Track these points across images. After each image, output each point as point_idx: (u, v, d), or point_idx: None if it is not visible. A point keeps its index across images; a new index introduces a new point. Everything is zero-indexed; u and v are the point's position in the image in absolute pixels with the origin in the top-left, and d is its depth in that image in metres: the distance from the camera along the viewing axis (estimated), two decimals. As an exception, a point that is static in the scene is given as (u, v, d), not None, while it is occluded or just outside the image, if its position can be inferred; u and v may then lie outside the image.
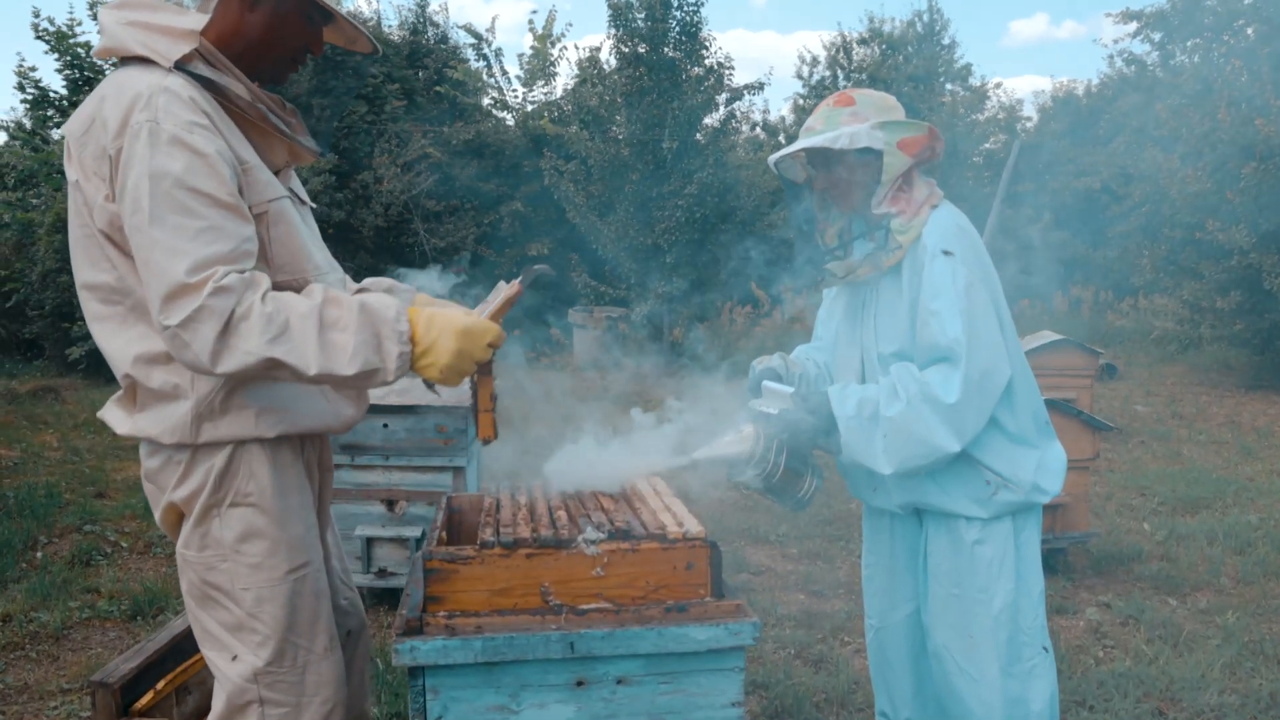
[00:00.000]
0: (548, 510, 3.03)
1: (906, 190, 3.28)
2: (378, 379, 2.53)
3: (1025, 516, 3.35)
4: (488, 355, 2.68)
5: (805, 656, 5.65)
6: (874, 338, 3.39)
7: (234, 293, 2.40)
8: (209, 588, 2.71)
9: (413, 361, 2.57)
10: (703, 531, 2.77)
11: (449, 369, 2.59)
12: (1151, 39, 22.50)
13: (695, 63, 20.18)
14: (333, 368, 2.45)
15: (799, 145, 3.31)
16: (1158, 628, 6.01)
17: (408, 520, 6.13)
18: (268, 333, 2.40)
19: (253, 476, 2.68)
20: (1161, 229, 17.79)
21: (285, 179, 2.91)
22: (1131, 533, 8.14)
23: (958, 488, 3.28)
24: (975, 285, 3.13)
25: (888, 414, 3.10)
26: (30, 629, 6.09)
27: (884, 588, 3.66)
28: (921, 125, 3.29)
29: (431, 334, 2.57)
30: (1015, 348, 3.28)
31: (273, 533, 2.70)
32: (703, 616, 2.66)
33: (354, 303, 2.52)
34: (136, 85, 2.51)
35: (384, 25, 26.45)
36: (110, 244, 2.57)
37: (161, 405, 2.64)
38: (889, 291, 3.34)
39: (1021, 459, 3.27)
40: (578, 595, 2.68)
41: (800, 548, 7.78)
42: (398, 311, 2.54)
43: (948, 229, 3.21)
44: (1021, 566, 3.33)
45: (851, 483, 3.64)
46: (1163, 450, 11.55)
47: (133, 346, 2.63)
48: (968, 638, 3.31)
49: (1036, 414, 3.36)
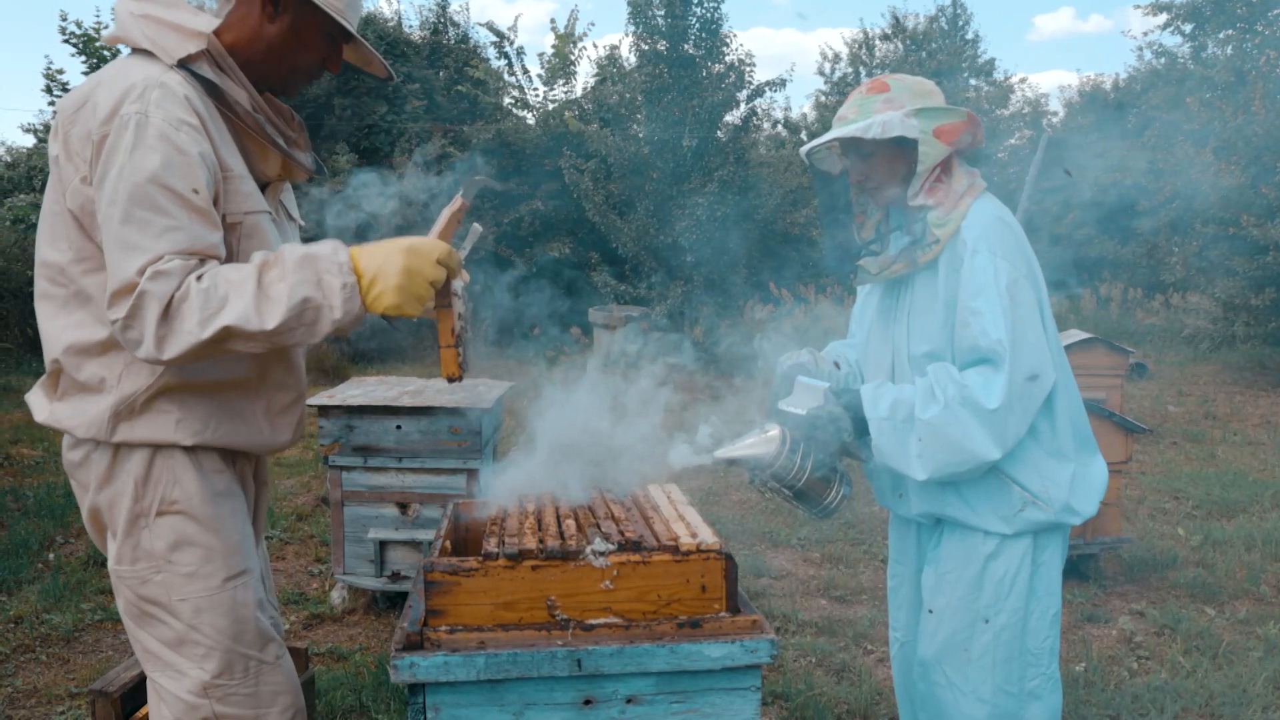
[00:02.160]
0: (556, 519, 2.89)
1: (945, 181, 3.12)
2: (328, 319, 2.42)
3: (1050, 535, 3.18)
4: (440, 274, 2.53)
5: (827, 665, 5.53)
6: (906, 337, 3.23)
7: (173, 277, 2.34)
8: (145, 603, 2.66)
9: (362, 295, 2.45)
10: (718, 543, 2.64)
11: (401, 290, 2.46)
12: (1182, 31, 22.33)
13: (716, 59, 20.11)
14: (269, 322, 2.36)
15: (830, 135, 3.16)
16: (1195, 638, 5.84)
17: (421, 523, 6.03)
18: (206, 308, 2.33)
19: (177, 483, 2.62)
20: (1193, 224, 17.61)
21: (275, 193, 2.87)
22: (1165, 538, 7.94)
23: (982, 501, 3.12)
24: (1019, 283, 2.97)
25: (924, 417, 2.94)
26: (41, 631, 6.02)
27: (910, 599, 3.51)
28: (960, 111, 3.13)
29: (376, 259, 2.46)
30: (1058, 351, 3.12)
31: (205, 540, 2.65)
32: (717, 633, 2.55)
33: (292, 253, 2.44)
34: (134, 75, 2.48)
35: (405, 25, 26.48)
36: (75, 226, 2.52)
37: (82, 397, 2.61)
38: (924, 288, 3.18)
39: (1055, 474, 3.09)
40: (586, 609, 2.57)
41: (822, 552, 7.64)
42: (334, 246, 2.46)
43: (988, 222, 3.05)
44: (1038, 585, 3.16)
45: (877, 489, 3.49)
46: (1196, 452, 11.33)
47: (67, 333, 2.59)
48: (963, 652, 3.17)
49: (1077, 425, 3.18)
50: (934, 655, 3.23)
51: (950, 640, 3.19)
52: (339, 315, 2.42)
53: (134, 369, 2.56)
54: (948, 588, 3.20)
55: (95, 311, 2.55)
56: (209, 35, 2.60)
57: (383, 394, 6.16)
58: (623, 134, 20.76)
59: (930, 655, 3.24)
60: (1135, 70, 31.07)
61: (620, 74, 22.35)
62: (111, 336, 2.53)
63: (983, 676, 3.13)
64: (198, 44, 2.57)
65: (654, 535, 2.74)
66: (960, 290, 3.01)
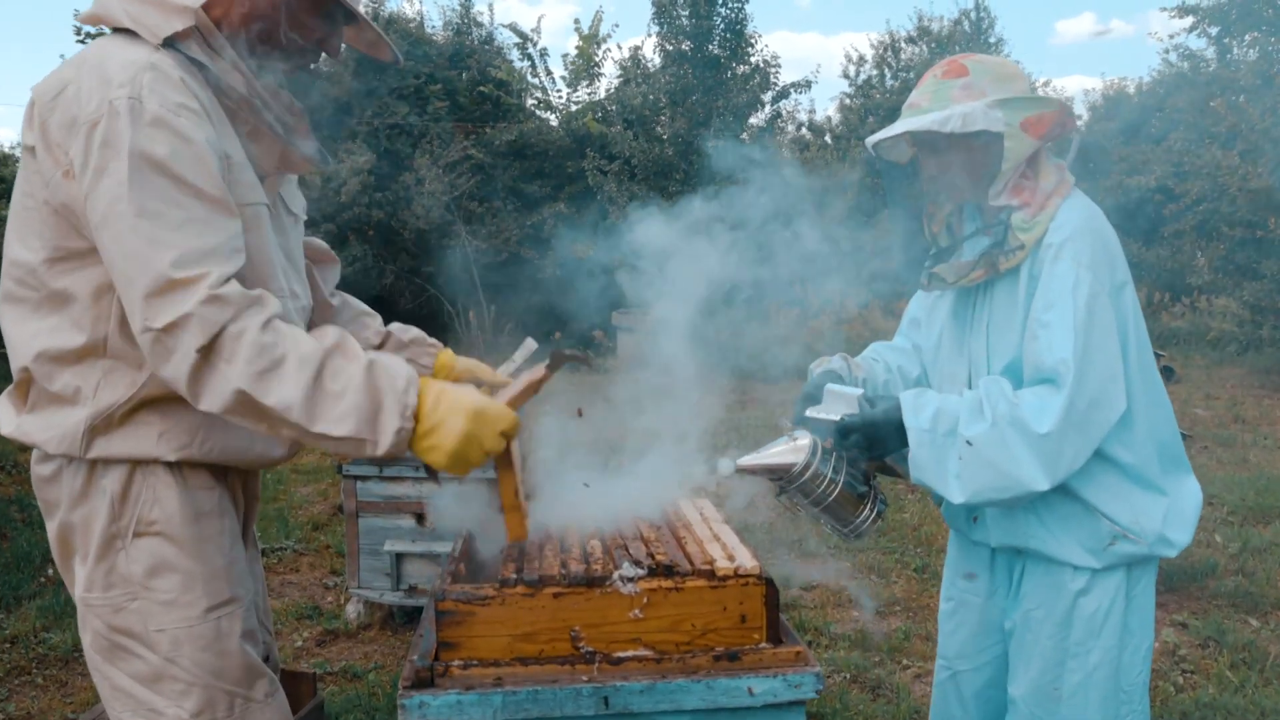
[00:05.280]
0: (580, 542, 2.70)
1: (1031, 178, 2.84)
2: (364, 451, 2.24)
3: (1144, 567, 2.93)
4: (500, 445, 2.35)
5: (862, 681, 5.37)
6: (985, 351, 2.96)
7: (230, 306, 2.14)
8: (118, 634, 2.43)
9: (413, 440, 2.27)
10: (757, 566, 2.46)
11: (455, 455, 2.28)
12: (1208, 33, 22.12)
13: (741, 61, 20.02)
14: (315, 425, 2.18)
15: (902, 127, 2.86)
16: (1240, 651, 5.67)
17: (439, 535, 5.86)
18: (256, 363, 2.13)
19: (157, 502, 2.40)
20: (1220, 227, 17.47)
21: (275, 185, 2.63)
22: (1202, 544, 7.76)
23: (1067, 534, 2.86)
24: (1099, 299, 2.69)
25: (967, 434, 2.67)
26: (39, 651, 5.87)
27: (972, 626, 3.24)
28: (1051, 101, 2.85)
29: (439, 412, 2.27)
30: (1148, 369, 2.85)
31: (185, 565, 2.42)
32: (758, 666, 2.38)
33: (363, 358, 2.25)
34: (120, 58, 2.25)
35: (427, 26, 26.46)
36: (54, 223, 2.31)
37: (54, 409, 2.39)
38: (1004, 297, 2.91)
39: (1147, 505, 2.83)
40: (613, 641, 2.40)
41: (853, 561, 7.49)
42: (408, 381, 2.27)
43: (1078, 227, 2.76)
44: (1131, 620, 2.91)
45: (947, 510, 3.21)
46: (1228, 456, 11.16)
47: (40, 339, 2.36)
48: (1053, 691, 2.93)
49: (1165, 448, 2.91)
50: (1023, 695, 3.00)
51: (1040, 680, 2.95)
52: (379, 454, 2.24)
53: (113, 378, 2.35)
54: (1035, 624, 2.96)
55: (73, 315, 2.34)
56: (196, 10, 2.34)
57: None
58: (646, 135, 20.65)
59: (1019, 695, 3.01)
60: (1160, 73, 30.92)
61: (644, 75, 22.25)
62: (89, 343, 2.33)
63: (1075, 716, 2.91)
64: (184, 20, 2.32)
65: (687, 558, 2.58)
66: (1035, 299, 2.76)
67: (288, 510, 8.78)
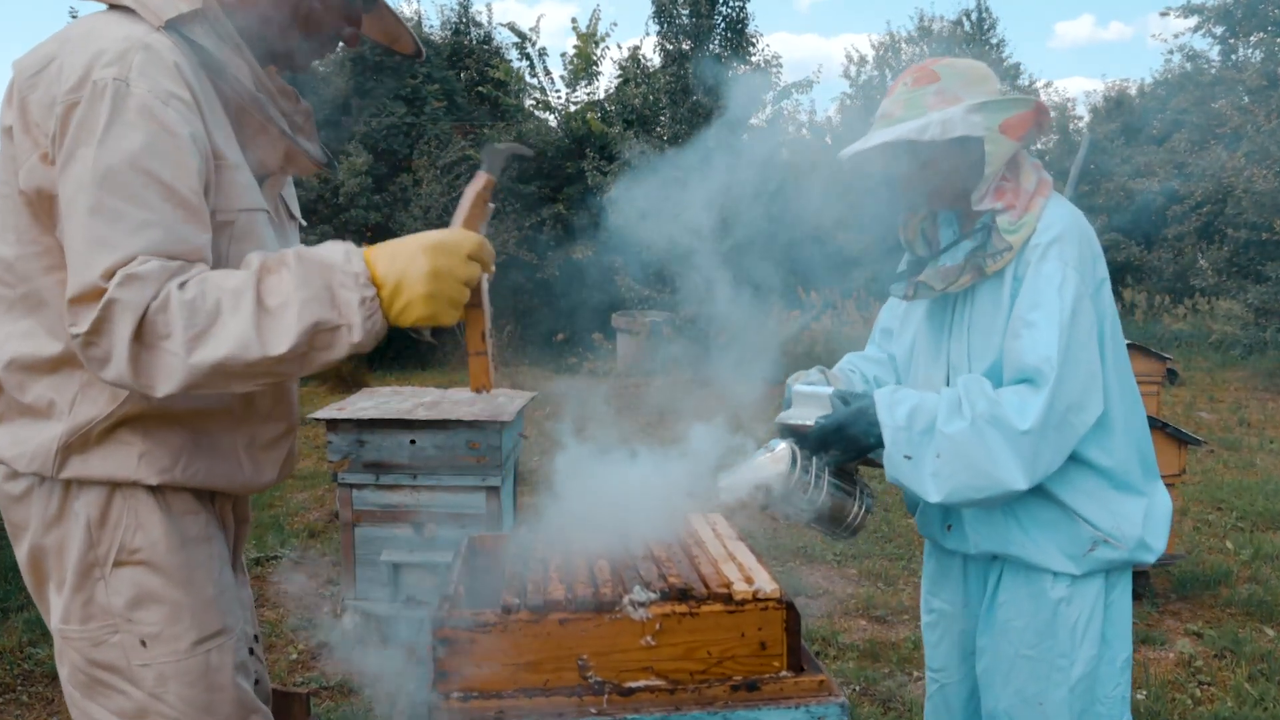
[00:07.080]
0: (587, 564, 2.55)
1: (1012, 179, 2.79)
2: (344, 342, 2.00)
3: (1120, 573, 2.89)
4: (473, 271, 2.11)
5: (872, 694, 5.27)
6: (965, 355, 2.89)
7: (149, 282, 1.93)
8: (99, 669, 2.25)
9: (385, 308, 2.03)
10: (777, 589, 2.32)
11: (431, 299, 2.04)
12: (1213, 33, 22.12)
13: (741, 60, 19.96)
14: (277, 348, 1.95)
15: (877, 139, 2.80)
16: (1258, 661, 5.60)
17: (438, 544, 5.74)
18: (193, 324, 1.92)
19: (140, 528, 2.21)
20: (1224, 230, 17.47)
21: (275, 187, 2.45)
22: (1214, 551, 7.71)
23: (1047, 538, 2.80)
24: (1083, 300, 2.66)
25: (946, 430, 2.61)
26: (25, 667, 5.71)
27: (952, 638, 3.18)
28: (1026, 100, 2.79)
29: (396, 265, 2.03)
30: (1124, 371, 2.82)
31: (172, 596, 2.23)
32: (778, 696, 2.23)
33: (288, 256, 2.02)
34: (111, 33, 2.06)
35: (425, 25, 26.38)
36: (29, 213, 2.12)
37: (25, 423, 2.21)
38: (986, 300, 2.84)
39: (1127, 509, 2.80)
40: (623, 670, 2.25)
41: (859, 568, 7.40)
42: (346, 251, 2.04)
43: (1065, 227, 2.72)
44: (1108, 630, 2.86)
45: (921, 519, 3.15)
46: (1234, 460, 11.13)
47: (11, 344, 2.18)
48: (1037, 706, 2.85)
49: (1143, 452, 2.88)
50: (1004, 709, 2.93)
51: (1021, 693, 2.88)
52: (359, 337, 2.00)
53: (91, 392, 2.16)
54: (1014, 635, 2.89)
55: (48, 320, 2.15)
56: None
57: (396, 406, 5.89)
58: (646, 135, 20.59)
59: (1000, 708, 2.94)
60: (1163, 74, 30.94)
61: (644, 75, 22.19)
62: (66, 351, 2.13)
63: None
64: (191, 2, 2.14)
65: (701, 579, 2.42)
66: (1020, 298, 2.71)
67: (283, 517, 8.65)
